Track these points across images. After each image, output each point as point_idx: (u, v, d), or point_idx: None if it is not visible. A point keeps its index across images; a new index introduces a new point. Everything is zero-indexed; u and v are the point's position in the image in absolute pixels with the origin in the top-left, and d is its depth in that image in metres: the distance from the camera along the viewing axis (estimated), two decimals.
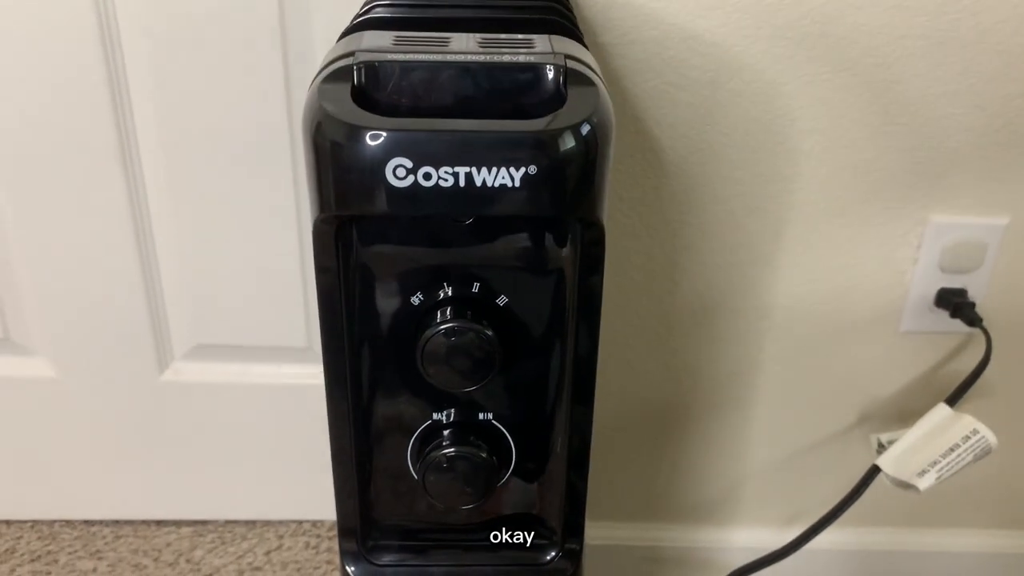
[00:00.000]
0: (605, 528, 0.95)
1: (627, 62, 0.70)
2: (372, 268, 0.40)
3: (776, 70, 0.71)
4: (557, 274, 0.40)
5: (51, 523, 0.93)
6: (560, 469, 0.45)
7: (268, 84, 0.73)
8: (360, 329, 0.41)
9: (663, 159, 0.75)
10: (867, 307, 0.82)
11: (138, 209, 0.78)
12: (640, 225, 0.78)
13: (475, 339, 0.39)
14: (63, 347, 0.85)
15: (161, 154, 0.76)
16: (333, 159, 0.35)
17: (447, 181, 0.34)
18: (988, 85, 0.72)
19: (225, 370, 0.87)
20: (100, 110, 0.73)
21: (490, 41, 0.39)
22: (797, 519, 0.93)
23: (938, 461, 0.71)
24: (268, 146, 0.75)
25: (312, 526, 0.95)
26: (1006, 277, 0.81)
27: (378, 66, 0.36)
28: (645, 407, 0.88)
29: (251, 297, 0.83)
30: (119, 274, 0.81)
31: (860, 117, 0.73)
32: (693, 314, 0.82)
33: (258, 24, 0.71)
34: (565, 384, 0.44)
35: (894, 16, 0.69)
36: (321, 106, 0.35)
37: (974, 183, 0.77)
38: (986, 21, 0.70)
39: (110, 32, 0.71)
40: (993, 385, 0.85)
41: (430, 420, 0.43)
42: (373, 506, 0.45)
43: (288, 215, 0.79)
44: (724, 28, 0.69)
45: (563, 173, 0.35)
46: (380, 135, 0.34)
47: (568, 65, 0.37)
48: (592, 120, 0.35)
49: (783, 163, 0.75)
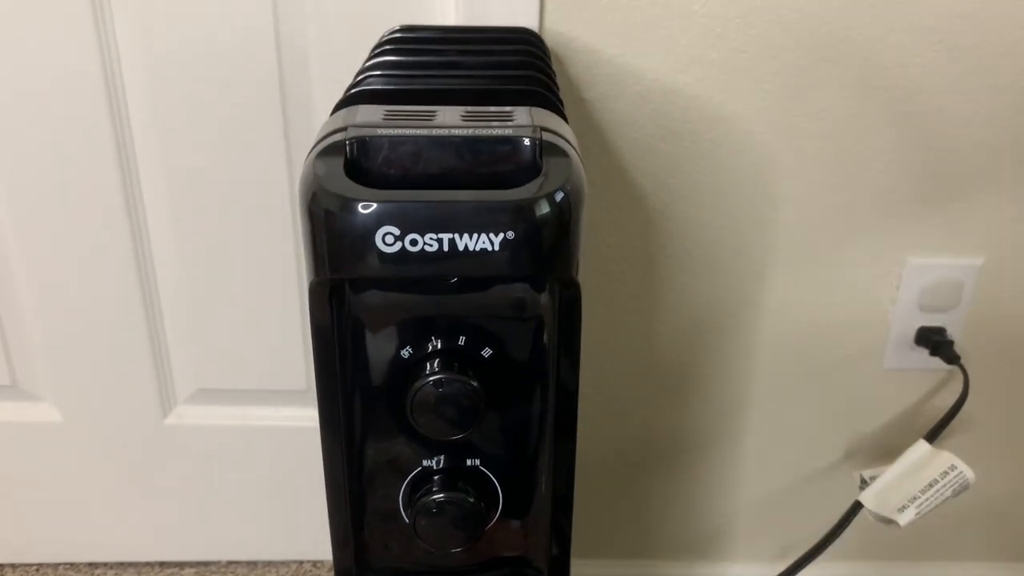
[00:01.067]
0: (595, 566, 0.96)
1: (612, 116, 0.74)
2: (365, 324, 0.42)
3: (754, 120, 0.74)
4: (537, 326, 0.43)
5: (56, 566, 0.95)
6: (545, 510, 0.48)
7: (268, 141, 0.76)
8: (354, 380, 0.44)
9: (647, 206, 0.77)
10: (851, 346, 0.85)
11: (143, 258, 0.81)
12: (627, 269, 0.80)
13: (461, 390, 0.41)
14: (69, 393, 0.87)
15: (166, 207, 0.79)
16: (327, 227, 0.37)
17: (432, 246, 0.37)
18: (960, 130, 0.75)
19: (226, 413, 0.89)
20: (106, 163, 0.77)
21: (473, 114, 0.42)
22: (788, 553, 0.95)
23: (917, 497, 0.73)
24: (270, 201, 0.79)
25: (312, 566, 0.97)
26: (982, 315, 0.83)
27: (368, 140, 0.39)
28: (633, 445, 0.90)
29: (252, 341, 0.85)
30: (124, 321, 0.83)
31: (835, 163, 0.76)
32: (679, 354, 0.85)
33: (259, 86, 0.74)
34: (548, 428, 0.46)
35: (863, 69, 0.72)
36: (316, 178, 0.38)
37: (949, 225, 0.79)
38: (957, 72, 0.73)
39: (116, 92, 0.74)
40: (972, 420, 0.87)
41: (420, 467, 0.45)
42: (367, 548, 0.47)
43: (288, 264, 0.82)
44: (702, 83, 0.73)
45: (539, 237, 0.38)
46: (370, 206, 0.37)
47: (544, 137, 0.40)
48: (566, 188, 0.38)
49: (763, 208, 0.78)
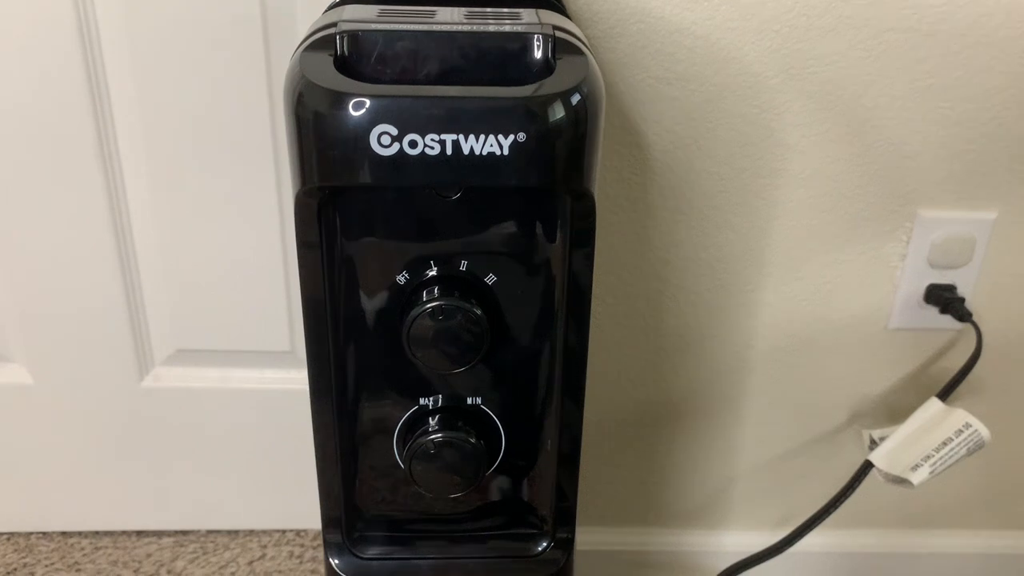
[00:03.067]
0: (594, 533, 0.93)
1: (613, 56, 0.70)
2: (356, 246, 0.38)
3: (762, 63, 0.71)
4: (547, 251, 0.39)
5: (27, 535, 0.91)
6: (551, 458, 0.44)
7: (249, 75, 0.72)
8: (344, 310, 0.40)
9: (649, 154, 0.74)
10: (857, 304, 0.82)
11: (117, 212, 0.77)
12: (627, 222, 0.77)
13: (463, 318, 0.38)
14: (40, 353, 0.83)
15: (142, 157, 0.75)
16: (315, 129, 0.33)
17: (433, 149, 0.33)
18: (975, 78, 0.72)
19: (206, 375, 0.86)
20: (79, 111, 0.72)
21: (476, 14, 0.38)
22: (788, 521, 0.92)
23: (931, 455, 0.70)
24: (250, 145, 0.74)
25: (296, 535, 0.93)
26: (995, 272, 0.80)
27: (361, 35, 0.35)
28: (633, 409, 0.87)
29: (233, 300, 0.81)
30: (98, 278, 0.79)
31: (847, 111, 0.73)
32: (680, 313, 0.82)
33: (240, 22, 0.70)
34: (556, 370, 0.42)
35: (879, 9, 0.69)
36: (303, 75, 0.34)
37: (962, 178, 0.76)
38: (971, 14, 0.70)
39: (88, 23, 0.70)
40: (984, 380, 0.84)
41: (417, 405, 0.41)
42: (358, 495, 0.43)
43: (271, 216, 0.77)
44: (710, 21, 0.69)
45: (553, 142, 0.34)
46: (364, 102, 0.33)
47: (556, 35, 0.36)
48: (582, 89, 0.34)
49: (770, 158, 0.75)
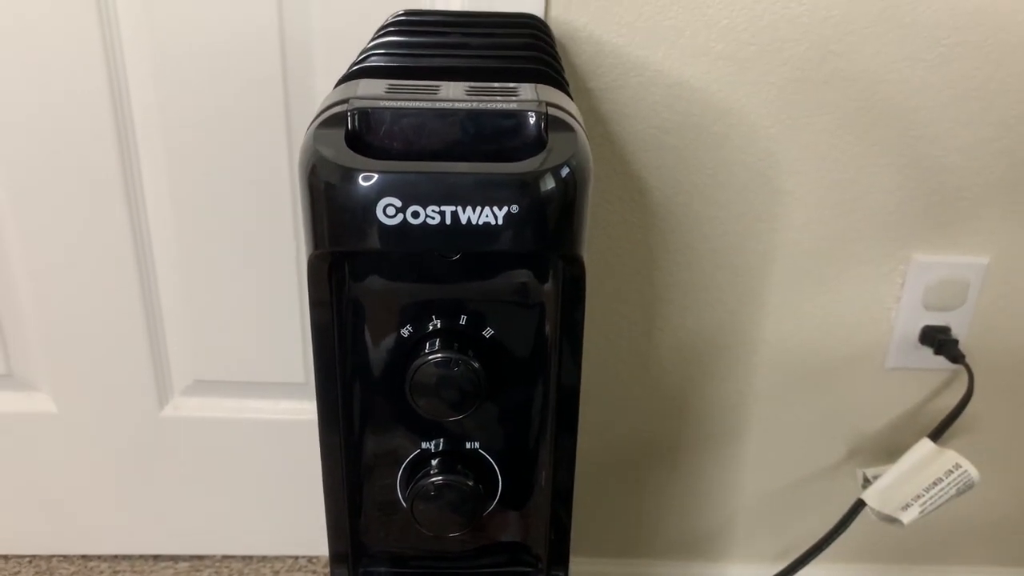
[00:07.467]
0: (594, 564, 0.95)
1: (615, 106, 0.73)
2: (364, 302, 0.41)
3: (759, 114, 0.74)
4: (540, 307, 0.42)
5: (48, 558, 0.94)
6: (545, 496, 0.47)
7: (270, 131, 0.76)
8: (352, 360, 0.43)
9: (649, 200, 0.77)
10: (854, 344, 0.84)
11: (141, 247, 0.80)
12: (628, 264, 0.80)
13: (462, 369, 0.41)
14: (64, 383, 0.86)
15: (166, 195, 0.78)
16: (327, 199, 0.37)
17: (434, 219, 0.36)
18: (965, 130, 0.75)
19: (223, 405, 0.88)
20: (105, 147, 0.76)
21: (477, 89, 0.42)
22: (788, 554, 0.93)
23: (921, 495, 0.72)
24: (269, 190, 0.78)
25: (308, 562, 0.96)
26: (988, 314, 0.82)
27: (370, 112, 0.38)
28: (633, 442, 0.89)
29: (250, 333, 0.84)
30: (121, 310, 0.82)
31: (841, 158, 0.76)
32: (680, 350, 0.84)
33: (262, 70, 0.73)
34: (550, 413, 0.45)
35: (873, 61, 0.72)
36: (316, 149, 0.37)
37: (955, 223, 0.79)
38: (965, 67, 0.72)
39: (117, 73, 0.74)
40: (976, 420, 0.86)
41: (419, 449, 0.44)
42: (364, 532, 0.46)
43: (287, 255, 0.81)
44: (708, 75, 0.72)
45: (544, 212, 0.37)
46: (371, 176, 0.36)
47: (549, 112, 0.39)
48: (571, 163, 0.37)
49: (767, 203, 0.77)
